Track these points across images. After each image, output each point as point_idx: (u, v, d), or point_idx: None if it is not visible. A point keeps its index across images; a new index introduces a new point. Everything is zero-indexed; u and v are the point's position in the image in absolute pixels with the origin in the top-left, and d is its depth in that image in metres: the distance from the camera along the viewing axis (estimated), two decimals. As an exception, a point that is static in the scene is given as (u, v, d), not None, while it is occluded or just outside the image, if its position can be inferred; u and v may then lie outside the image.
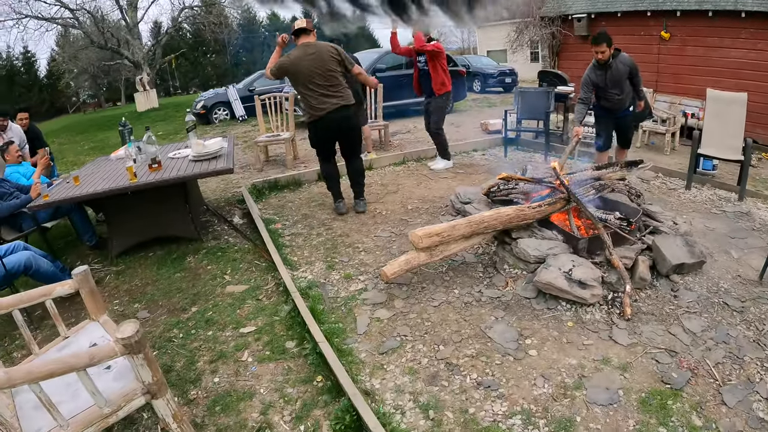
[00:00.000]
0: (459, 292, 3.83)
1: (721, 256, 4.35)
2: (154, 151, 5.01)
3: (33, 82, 44.74)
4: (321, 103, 5.18)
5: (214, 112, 16.00)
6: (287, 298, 3.88)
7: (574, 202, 4.18)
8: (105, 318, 2.93)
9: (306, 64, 5.11)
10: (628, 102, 6.17)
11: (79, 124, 22.77)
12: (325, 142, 5.57)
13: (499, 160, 8.14)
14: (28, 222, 4.90)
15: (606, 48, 5.70)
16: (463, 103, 15.77)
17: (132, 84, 29.08)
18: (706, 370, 2.92)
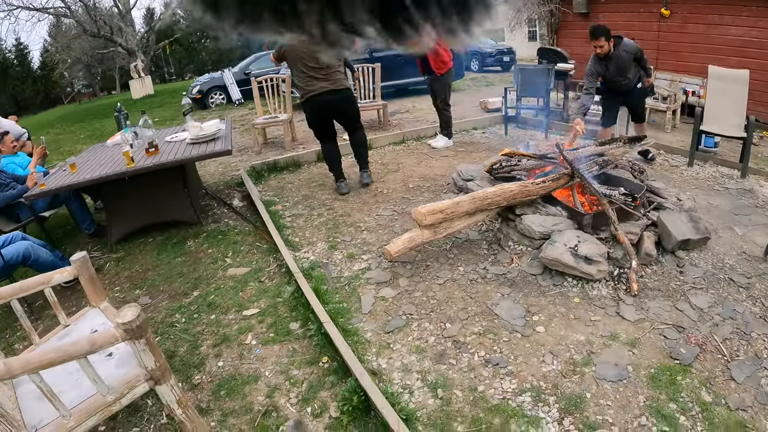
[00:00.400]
0: (464, 270, 3.78)
1: (726, 233, 4.32)
2: (150, 135, 4.94)
3: (27, 74, 44.60)
4: (310, 85, 5.22)
5: (210, 96, 15.88)
6: (290, 279, 3.83)
7: (578, 177, 4.12)
8: (105, 304, 2.88)
9: (299, 46, 5.06)
10: (634, 82, 6.10)
11: (74, 114, 22.62)
12: (318, 123, 5.56)
13: (499, 138, 8.06)
14: (25, 212, 4.85)
15: (604, 42, 5.64)
16: (462, 82, 15.64)
17: (127, 72, 28.88)
18: (714, 346, 2.89)
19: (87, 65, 38.69)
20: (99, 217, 5.66)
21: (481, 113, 10.15)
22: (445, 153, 7.07)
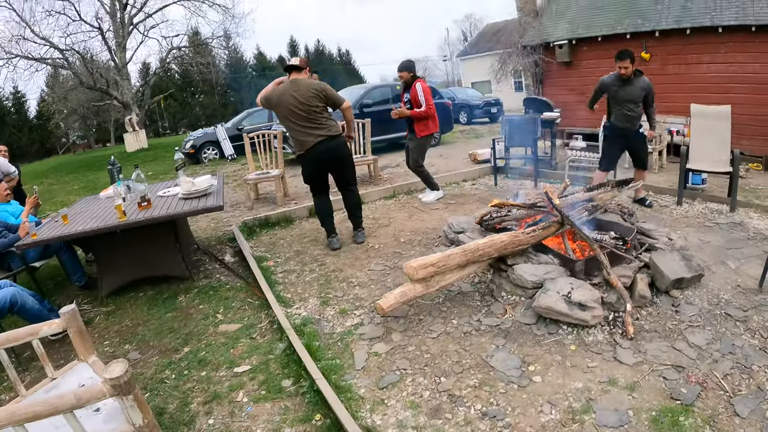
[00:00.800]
0: (457, 322, 3.77)
1: (719, 268, 4.36)
2: (143, 189, 4.96)
3: (23, 123, 45.00)
4: (307, 136, 5.27)
5: (203, 151, 16.04)
6: (282, 336, 3.80)
7: (568, 224, 4.15)
8: (94, 359, 2.84)
9: (288, 100, 5.20)
10: (638, 122, 6.31)
11: (69, 165, 22.72)
12: (315, 176, 5.57)
13: (489, 189, 8.14)
14: (16, 261, 4.83)
15: (629, 63, 5.91)
16: (451, 135, 15.90)
17: (121, 125, 29.20)
18: (715, 383, 2.88)
19: (83, 117, 39.16)
20: (90, 270, 5.63)
21: (470, 165, 10.31)
22: (436, 206, 7.11)
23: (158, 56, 29.11)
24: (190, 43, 28.88)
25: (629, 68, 5.94)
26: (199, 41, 29.05)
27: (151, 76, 30.26)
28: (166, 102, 39.72)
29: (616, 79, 6.16)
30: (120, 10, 25.27)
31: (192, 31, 29.53)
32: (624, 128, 6.29)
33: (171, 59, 29.43)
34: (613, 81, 6.19)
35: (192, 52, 28.54)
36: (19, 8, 22.46)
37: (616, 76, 6.14)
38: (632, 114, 6.18)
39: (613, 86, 6.19)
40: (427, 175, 7.50)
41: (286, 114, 5.26)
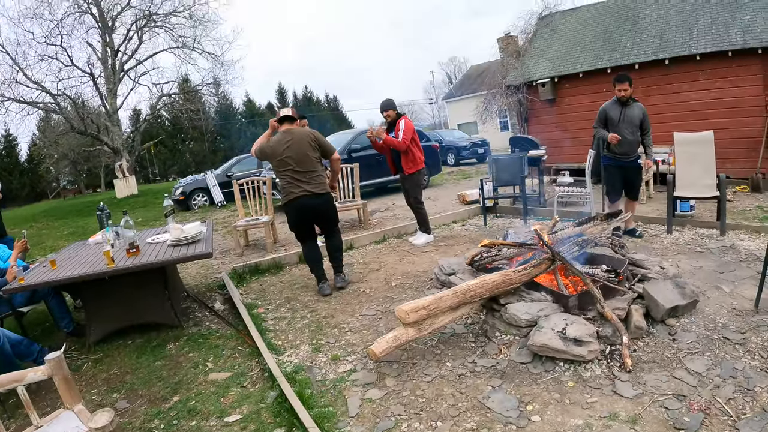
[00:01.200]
0: (452, 365, 3.72)
1: (713, 292, 4.38)
2: (131, 236, 4.93)
3: (14, 166, 45.22)
4: (294, 188, 5.39)
5: (193, 198, 16.08)
6: (273, 384, 3.72)
7: (559, 260, 4.16)
8: (80, 407, 2.77)
9: (282, 150, 5.36)
10: (636, 150, 6.52)
11: (58, 210, 22.65)
12: (299, 225, 5.67)
13: (479, 229, 8.17)
14: (3, 306, 4.77)
15: (628, 87, 6.24)
16: (439, 177, 16.02)
17: (112, 170, 29.29)
18: (719, 408, 2.85)
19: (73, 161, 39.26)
20: (78, 316, 5.56)
21: (460, 206, 10.37)
22: (427, 248, 7.11)
23: (149, 103, 29.41)
24: (180, 90, 29.20)
25: (628, 91, 6.24)
26: (189, 88, 29.39)
27: (142, 122, 30.50)
28: (157, 148, 39.93)
29: (615, 103, 6.42)
30: (111, 57, 25.64)
31: (182, 78, 29.94)
32: (624, 155, 6.45)
33: (161, 106, 29.70)
34: (614, 105, 6.43)
35: (182, 99, 28.83)
36: (12, 52, 22.84)
37: (615, 100, 6.43)
38: (632, 138, 6.36)
39: (614, 110, 6.40)
40: (424, 215, 7.53)
41: (278, 164, 5.41)
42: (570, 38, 14.38)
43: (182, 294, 6.02)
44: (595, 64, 12.59)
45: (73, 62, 24.63)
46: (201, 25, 26.29)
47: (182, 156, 49.24)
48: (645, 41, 12.13)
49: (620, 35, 12.98)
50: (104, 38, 25.47)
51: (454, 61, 65.77)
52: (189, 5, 25.84)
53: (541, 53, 14.67)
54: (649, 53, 11.65)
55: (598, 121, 6.60)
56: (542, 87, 13.39)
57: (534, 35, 15.89)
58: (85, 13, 24.71)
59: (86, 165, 41.94)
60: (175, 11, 25.85)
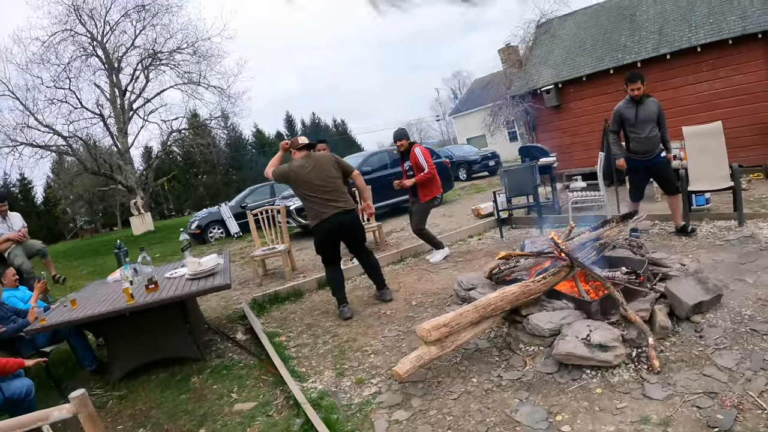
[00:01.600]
0: (477, 380, 3.68)
1: (737, 285, 4.32)
2: (149, 272, 4.96)
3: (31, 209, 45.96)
4: (324, 208, 5.46)
5: (209, 231, 16.17)
6: (299, 411, 3.70)
7: (578, 266, 4.12)
8: (107, 447, 2.77)
9: (307, 174, 5.47)
10: (657, 147, 6.31)
11: (76, 250, 22.90)
12: (328, 246, 5.71)
13: (496, 241, 8.13)
14: (27, 346, 4.84)
15: (641, 85, 6.12)
16: (452, 193, 15.99)
17: (127, 208, 29.58)
18: (752, 403, 2.79)
19: (89, 202, 39.84)
20: (101, 354, 5.57)
21: (475, 221, 10.33)
22: (445, 265, 7.08)
23: (159, 139, 29.78)
24: (189, 125, 29.53)
25: (641, 89, 6.11)
26: (197, 123, 29.70)
27: (154, 159, 30.83)
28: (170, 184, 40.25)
29: (629, 103, 6.30)
30: (119, 97, 26.04)
31: (190, 114, 30.26)
32: (645, 153, 6.29)
33: (172, 142, 30.04)
34: (628, 105, 6.32)
35: (192, 134, 29.16)
36: (22, 97, 23.32)
37: (628, 99, 6.32)
38: (651, 136, 6.22)
39: (629, 109, 6.28)
40: (430, 236, 7.57)
41: (304, 188, 5.49)
42: (570, 43, 14.42)
43: (203, 326, 6.03)
44: (598, 66, 12.61)
45: (83, 104, 25.09)
46: (205, 60, 26.65)
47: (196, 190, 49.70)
48: (645, 38, 12.15)
49: (619, 35, 13.00)
50: (111, 79, 25.91)
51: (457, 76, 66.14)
52: (192, 41, 26.27)
53: (543, 60, 14.71)
54: (649, 50, 11.66)
55: (614, 123, 6.51)
56: (547, 94, 13.40)
57: (534, 43, 15.96)
58: (91, 55, 25.20)
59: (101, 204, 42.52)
60: (178, 48, 26.28)
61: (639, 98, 6.18)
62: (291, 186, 5.72)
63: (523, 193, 8.83)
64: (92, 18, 24.54)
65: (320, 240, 5.68)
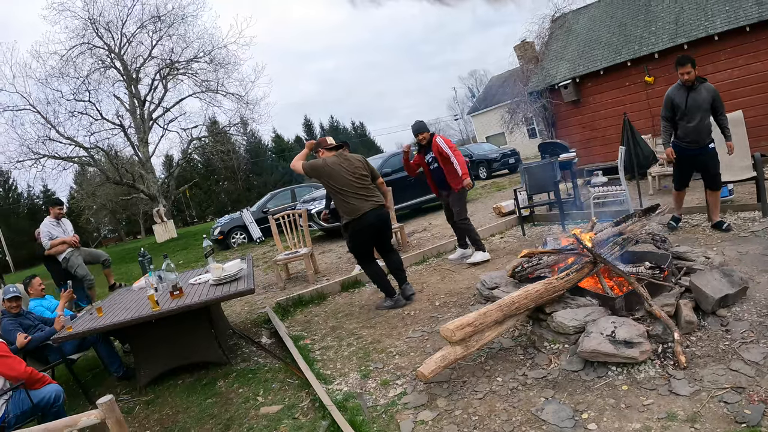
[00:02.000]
0: (502, 379, 3.66)
1: (763, 277, 4.25)
2: (174, 279, 5.00)
3: None
4: (361, 203, 5.56)
5: (231, 236, 16.28)
6: (324, 414, 3.71)
7: (601, 262, 4.08)
8: (135, 451, 2.80)
9: (341, 171, 5.56)
10: (707, 137, 5.96)
11: (101, 259, 23.12)
12: (368, 241, 5.81)
13: (518, 239, 8.09)
14: (54, 354, 4.92)
15: (691, 68, 5.73)
16: (473, 192, 15.91)
17: (150, 216, 29.96)
18: None
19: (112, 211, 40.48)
20: (128, 360, 5.64)
21: (496, 219, 10.28)
22: (467, 265, 7.03)
23: (180, 148, 30.18)
24: (209, 132, 29.83)
25: (692, 73, 5.75)
26: (217, 130, 29.99)
27: (175, 167, 31.15)
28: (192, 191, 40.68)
29: (680, 88, 5.94)
30: (139, 107, 26.39)
31: (210, 121, 30.55)
32: (693, 143, 5.97)
33: (192, 150, 30.34)
34: (678, 90, 5.96)
35: (212, 141, 29.42)
36: (43, 110, 23.74)
37: (678, 85, 5.96)
38: (702, 125, 5.86)
39: (680, 95, 5.92)
40: (473, 230, 7.24)
41: (338, 182, 5.56)
42: (586, 36, 14.30)
43: (228, 331, 6.08)
44: (615, 59, 12.49)
45: (103, 116, 25.53)
46: (222, 68, 26.93)
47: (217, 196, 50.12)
48: (661, 29, 12.01)
49: (635, 26, 12.87)
50: (130, 90, 26.29)
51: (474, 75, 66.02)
52: (208, 50, 26.52)
53: (559, 55, 14.61)
54: (666, 40, 11.53)
55: (665, 109, 6.12)
56: (565, 89, 13.30)
57: (549, 38, 15.85)
58: (109, 67, 25.61)
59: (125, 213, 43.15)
60: (195, 57, 26.59)
61: (691, 83, 5.80)
62: (324, 181, 5.69)
63: (543, 190, 8.79)
64: (109, 31, 24.98)
65: (359, 235, 5.73)
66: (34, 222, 44.08)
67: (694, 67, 5.71)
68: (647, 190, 9.20)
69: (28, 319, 5.09)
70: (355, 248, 5.86)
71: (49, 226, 7.63)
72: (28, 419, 3.80)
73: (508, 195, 11.76)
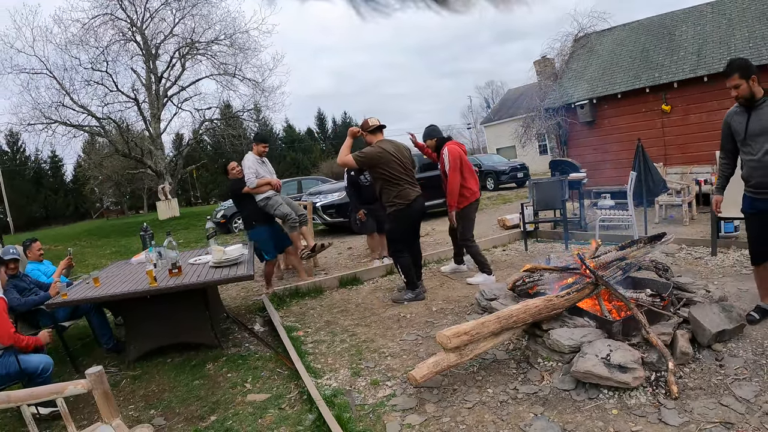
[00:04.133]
0: (493, 391, 3.64)
1: None
2: (174, 256, 4.99)
3: (59, 186, 47.00)
4: (410, 191, 5.68)
5: (234, 221, 16.24)
6: (311, 407, 3.69)
7: (603, 285, 4.06)
8: (118, 422, 2.77)
9: (396, 157, 5.63)
10: None
11: (101, 229, 23.25)
12: (407, 229, 5.92)
13: (520, 254, 8.07)
14: (45, 319, 4.91)
15: (739, 79, 3.93)
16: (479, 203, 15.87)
17: (154, 193, 30.02)
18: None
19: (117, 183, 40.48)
20: (119, 333, 5.64)
21: (500, 231, 10.29)
22: (467, 274, 7.00)
23: (191, 127, 30.11)
24: (222, 115, 29.78)
25: (742, 86, 3.92)
26: (230, 114, 29.93)
27: (184, 146, 31.13)
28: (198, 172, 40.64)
29: (738, 109, 4.18)
30: (155, 83, 26.38)
31: (224, 104, 30.52)
32: (762, 189, 4.11)
33: (203, 131, 30.32)
34: (738, 111, 4.18)
35: (224, 125, 29.37)
36: (59, 76, 23.74)
37: (737, 106, 4.20)
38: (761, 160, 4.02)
39: (739, 118, 4.15)
40: (476, 252, 6.60)
41: (394, 169, 5.65)
42: (607, 59, 14.28)
43: (222, 315, 6.07)
44: (634, 84, 12.47)
45: (118, 88, 25.50)
46: (242, 53, 26.87)
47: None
48: (682, 59, 11.99)
49: (657, 54, 12.85)
50: (148, 65, 26.29)
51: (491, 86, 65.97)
52: (230, 33, 26.48)
53: (579, 75, 14.58)
54: (687, 71, 11.50)
55: (722, 139, 4.49)
56: (581, 109, 13.28)
57: (571, 57, 15.82)
58: (130, 40, 25.58)
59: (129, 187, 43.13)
60: (216, 39, 26.52)
61: (749, 101, 4.00)
62: (377, 168, 5.68)
63: (550, 207, 8.77)
64: (133, 4, 24.93)
65: (405, 221, 5.82)
66: (39, 186, 44.30)
67: (745, 78, 3.90)
68: (653, 218, 9.17)
69: (24, 282, 5.09)
70: (396, 235, 5.90)
71: (256, 163, 7.07)
72: (14, 382, 3.79)
73: (514, 208, 11.74)
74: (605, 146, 13.11)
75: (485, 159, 26.21)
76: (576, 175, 9.57)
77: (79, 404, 4.05)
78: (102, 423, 2.80)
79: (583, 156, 13.34)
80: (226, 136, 29.28)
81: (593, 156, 13.32)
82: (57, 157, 45.45)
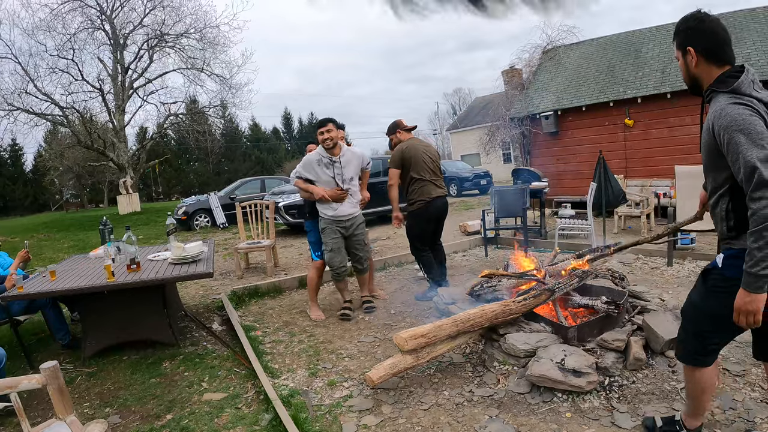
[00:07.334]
0: (449, 394, 3.68)
1: None
2: (133, 252, 4.93)
3: (18, 175, 45.71)
4: (433, 189, 5.74)
5: (195, 218, 16.12)
6: (268, 407, 3.69)
7: (559, 292, 4.15)
8: (72, 418, 2.74)
9: (424, 155, 5.72)
10: None
11: (60, 222, 22.73)
12: (429, 229, 5.94)
13: (480, 259, 8.17)
14: (0, 313, 4.75)
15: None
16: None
17: (115, 186, 29.50)
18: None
19: (78, 175, 39.64)
20: (75, 329, 5.53)
21: (461, 237, 10.39)
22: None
23: (156, 121, 29.58)
24: (188, 110, 29.40)
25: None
26: (196, 109, 29.57)
27: (148, 140, 30.60)
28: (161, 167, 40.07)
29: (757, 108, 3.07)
30: (121, 74, 25.97)
31: (190, 99, 30.14)
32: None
33: (168, 125, 29.86)
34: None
35: (189, 120, 29.01)
36: (24, 62, 23.13)
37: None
38: None
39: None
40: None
41: (420, 169, 5.73)
42: (574, 72, 14.57)
43: (180, 313, 6.01)
44: (598, 98, 12.77)
45: (84, 77, 24.88)
46: (211, 48, 26.58)
47: (186, 176, 49.53)
48: (647, 75, 12.32)
49: (623, 69, 13.18)
50: (115, 55, 25.82)
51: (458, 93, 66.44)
52: (200, 27, 26.17)
53: (545, 86, 14.85)
54: (651, 87, 11.83)
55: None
56: (545, 120, 13.53)
57: (538, 68, 16.10)
58: (98, 29, 25.08)
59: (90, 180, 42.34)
60: (186, 33, 26.17)
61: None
62: (405, 168, 5.78)
63: (511, 215, 8.89)
64: (103, -10, 24.44)
65: (424, 221, 5.87)
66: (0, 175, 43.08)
67: None
68: (612, 228, 9.37)
69: (-22, 273, 4.97)
70: (414, 231, 5.93)
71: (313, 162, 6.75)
72: None
73: (476, 215, 11.86)
74: (568, 157, 13.38)
75: (449, 165, 26.44)
76: (538, 184, 9.74)
77: (33, 401, 3.97)
78: (56, 419, 2.77)
79: (546, 166, 13.58)
80: (191, 132, 28.90)
81: (555, 166, 13.58)
82: (17, 145, 44.35)
